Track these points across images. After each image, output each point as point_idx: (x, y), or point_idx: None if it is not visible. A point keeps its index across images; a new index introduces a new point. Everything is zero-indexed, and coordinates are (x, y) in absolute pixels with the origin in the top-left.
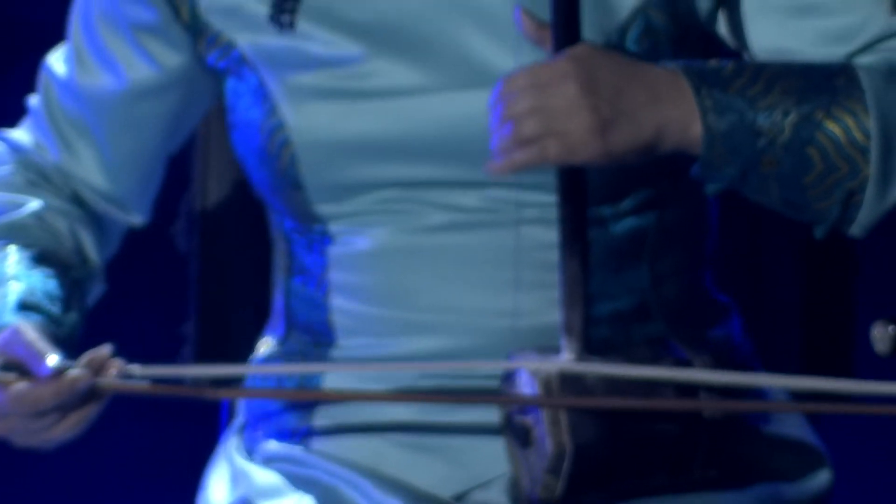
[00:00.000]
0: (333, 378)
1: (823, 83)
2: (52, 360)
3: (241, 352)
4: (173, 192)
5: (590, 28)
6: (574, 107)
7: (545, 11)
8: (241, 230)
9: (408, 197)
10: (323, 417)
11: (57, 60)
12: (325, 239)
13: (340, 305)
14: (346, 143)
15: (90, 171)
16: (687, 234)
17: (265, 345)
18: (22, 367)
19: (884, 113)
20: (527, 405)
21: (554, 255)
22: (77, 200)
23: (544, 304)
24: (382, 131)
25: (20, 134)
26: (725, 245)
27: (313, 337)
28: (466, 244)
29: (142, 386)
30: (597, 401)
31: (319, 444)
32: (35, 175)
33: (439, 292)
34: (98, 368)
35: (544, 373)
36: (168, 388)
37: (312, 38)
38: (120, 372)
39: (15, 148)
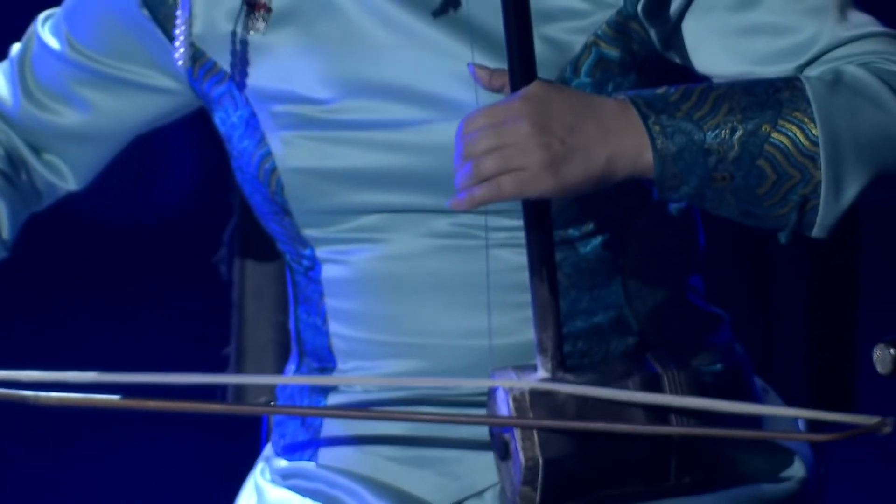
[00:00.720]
0: (336, 398)
1: (769, 98)
2: None
3: (278, 373)
4: (217, 223)
5: (543, 65)
6: (527, 145)
7: (501, 51)
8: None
9: (385, 223)
10: (328, 432)
11: (47, 30)
12: (317, 265)
13: (337, 331)
14: (326, 171)
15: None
16: (661, 247)
17: (290, 372)
18: None
19: (830, 121)
20: (496, 425)
21: (524, 277)
22: (9, 160)
23: (519, 324)
24: (360, 162)
25: None
26: (732, 264)
27: (319, 362)
28: (441, 269)
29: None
30: (562, 423)
31: (325, 457)
32: None
33: (419, 316)
34: None
35: (517, 390)
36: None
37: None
38: None
39: None
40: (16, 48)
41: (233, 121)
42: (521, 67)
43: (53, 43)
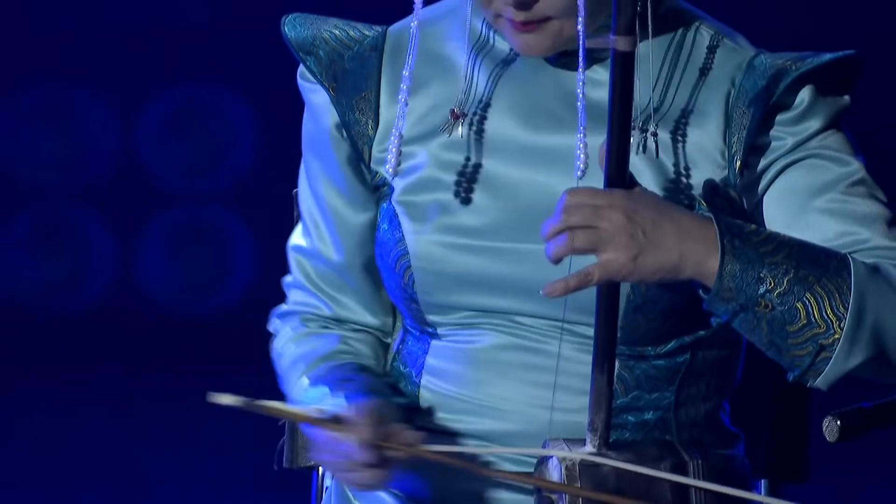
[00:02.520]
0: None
1: (821, 260)
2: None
3: None
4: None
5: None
6: (618, 232)
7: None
8: None
9: (489, 318)
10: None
11: (297, 237)
12: (434, 335)
13: (429, 383)
14: (452, 276)
15: (359, 313)
16: (712, 373)
17: None
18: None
19: (862, 295)
20: (549, 489)
21: (587, 371)
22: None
23: (578, 405)
24: (482, 269)
25: (286, 307)
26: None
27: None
28: (523, 354)
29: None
30: (607, 496)
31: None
32: (319, 325)
33: (498, 385)
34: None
35: (569, 460)
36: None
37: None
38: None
39: (291, 315)
40: (289, 277)
41: (382, 209)
42: (618, 170)
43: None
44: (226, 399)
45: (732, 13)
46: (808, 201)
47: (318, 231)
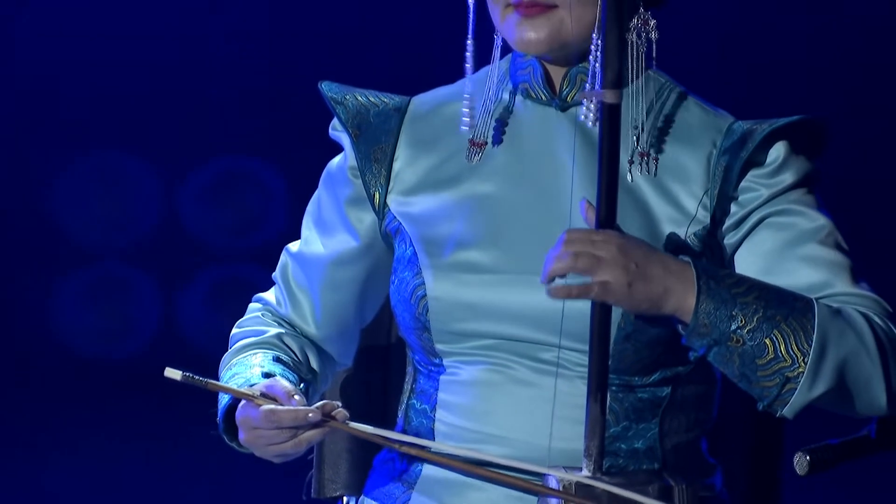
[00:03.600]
0: (429, 470)
1: (788, 301)
2: (298, 398)
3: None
4: None
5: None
6: (614, 261)
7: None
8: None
9: (497, 346)
10: (420, 494)
11: (293, 244)
12: (441, 369)
13: (442, 417)
14: (464, 303)
15: (307, 321)
16: (691, 407)
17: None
18: (275, 400)
19: (824, 334)
20: (551, 496)
21: (582, 402)
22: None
23: (575, 434)
24: (491, 298)
25: (269, 295)
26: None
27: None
28: (527, 385)
29: (355, 429)
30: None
31: None
32: (275, 319)
33: (505, 415)
34: (327, 412)
35: (567, 481)
36: (369, 435)
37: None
38: (342, 417)
39: (264, 303)
40: (277, 271)
41: (398, 255)
42: (607, 212)
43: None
44: (174, 374)
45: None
46: (783, 251)
47: (306, 244)
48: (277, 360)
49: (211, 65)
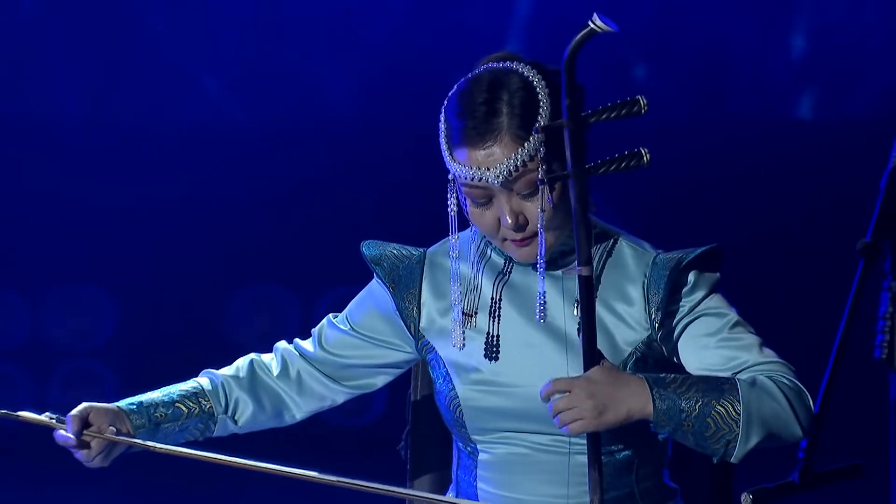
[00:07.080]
0: None
1: (717, 387)
2: (72, 422)
3: None
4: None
5: (607, 354)
6: (586, 407)
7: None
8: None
9: (517, 435)
10: None
11: (335, 316)
12: (477, 451)
13: (482, 487)
14: (489, 409)
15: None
16: (653, 458)
17: None
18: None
19: (748, 403)
20: None
21: (584, 469)
22: (265, 387)
23: (582, 493)
24: (508, 407)
25: (305, 343)
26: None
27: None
28: (543, 460)
29: (115, 438)
30: None
31: None
32: (254, 371)
33: (528, 483)
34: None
35: None
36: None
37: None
38: (98, 431)
39: (285, 351)
40: (316, 328)
41: (436, 373)
42: (589, 358)
43: (340, 324)
44: None
45: None
46: (706, 342)
47: (342, 321)
48: (181, 389)
49: None
